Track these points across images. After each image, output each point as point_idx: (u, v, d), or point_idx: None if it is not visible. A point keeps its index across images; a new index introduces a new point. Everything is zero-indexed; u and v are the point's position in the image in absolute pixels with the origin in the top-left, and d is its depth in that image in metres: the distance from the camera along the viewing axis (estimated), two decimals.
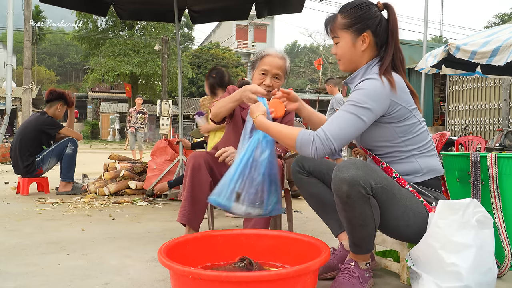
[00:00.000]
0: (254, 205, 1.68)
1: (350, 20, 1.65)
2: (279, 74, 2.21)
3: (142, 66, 21.78)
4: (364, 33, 1.63)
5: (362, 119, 1.52)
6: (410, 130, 1.61)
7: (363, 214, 1.46)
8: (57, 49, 51.51)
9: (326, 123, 1.55)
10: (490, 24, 30.42)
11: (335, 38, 1.70)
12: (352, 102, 1.54)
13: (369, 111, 1.52)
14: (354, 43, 1.66)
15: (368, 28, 1.63)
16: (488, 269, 1.44)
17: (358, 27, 1.63)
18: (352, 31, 1.65)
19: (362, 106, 1.52)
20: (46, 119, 4.43)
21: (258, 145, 1.69)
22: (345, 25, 1.66)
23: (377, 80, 1.56)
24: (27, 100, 11.17)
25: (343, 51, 1.69)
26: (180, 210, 2.15)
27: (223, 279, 1.19)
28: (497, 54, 4.20)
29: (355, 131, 1.52)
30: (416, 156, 1.62)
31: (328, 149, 1.50)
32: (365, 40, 1.64)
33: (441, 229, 1.45)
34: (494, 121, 10.20)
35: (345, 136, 1.51)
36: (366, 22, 1.63)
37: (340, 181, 1.44)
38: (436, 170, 1.66)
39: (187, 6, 4.79)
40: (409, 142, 1.61)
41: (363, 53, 1.67)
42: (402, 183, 1.58)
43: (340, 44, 1.69)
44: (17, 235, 2.59)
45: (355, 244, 1.59)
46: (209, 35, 45.22)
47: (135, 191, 4.46)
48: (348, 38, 1.66)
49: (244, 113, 2.34)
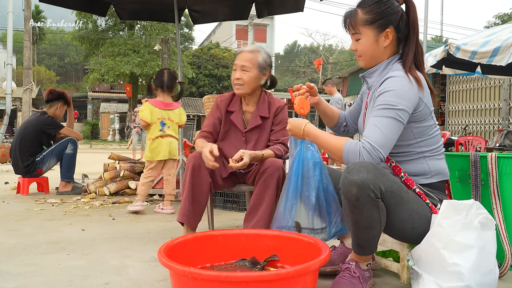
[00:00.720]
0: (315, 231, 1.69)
1: (372, 16, 1.59)
2: (245, 65, 2.25)
3: (142, 66, 21.76)
4: (387, 29, 1.59)
5: (401, 121, 1.51)
6: (426, 132, 1.61)
7: (370, 217, 1.46)
8: (57, 49, 51.51)
9: (368, 131, 1.51)
10: (490, 24, 30.41)
11: (356, 35, 1.64)
12: (386, 105, 1.51)
13: (405, 112, 1.51)
14: (377, 40, 1.61)
15: (391, 24, 1.59)
16: (489, 270, 1.44)
17: (381, 23, 1.59)
18: (375, 27, 1.60)
19: (397, 108, 1.50)
20: (46, 119, 4.43)
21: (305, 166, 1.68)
22: (367, 21, 1.60)
23: (404, 78, 1.53)
24: (27, 100, 11.17)
25: (365, 48, 1.64)
26: (180, 209, 2.16)
27: (223, 279, 1.18)
28: (498, 54, 4.20)
29: (397, 134, 1.52)
30: (427, 158, 1.62)
31: (378, 159, 1.49)
32: (388, 36, 1.60)
33: (444, 228, 1.45)
34: (494, 121, 10.20)
35: (390, 142, 1.50)
36: (389, 17, 1.59)
37: (350, 183, 1.43)
38: (444, 174, 1.67)
39: (187, 6, 4.79)
40: (423, 143, 1.61)
41: (385, 49, 1.63)
42: (410, 183, 1.58)
43: (362, 40, 1.64)
44: (17, 235, 2.59)
45: (358, 245, 1.58)
46: (209, 35, 45.23)
47: (135, 191, 4.46)
48: (371, 34, 1.61)
49: (233, 116, 2.36)
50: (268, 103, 2.37)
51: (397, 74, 1.55)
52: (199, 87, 30.33)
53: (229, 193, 3.66)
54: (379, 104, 1.53)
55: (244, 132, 2.34)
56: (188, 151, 4.54)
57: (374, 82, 1.68)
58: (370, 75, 1.69)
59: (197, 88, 30.34)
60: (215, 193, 3.54)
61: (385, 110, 1.51)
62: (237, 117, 2.35)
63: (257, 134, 2.35)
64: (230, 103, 2.39)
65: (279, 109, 2.37)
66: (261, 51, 2.30)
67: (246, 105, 2.38)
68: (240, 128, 2.34)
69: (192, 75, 25.47)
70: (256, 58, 2.26)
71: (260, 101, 2.36)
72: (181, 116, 3.66)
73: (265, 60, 2.29)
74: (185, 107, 26.38)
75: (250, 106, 2.37)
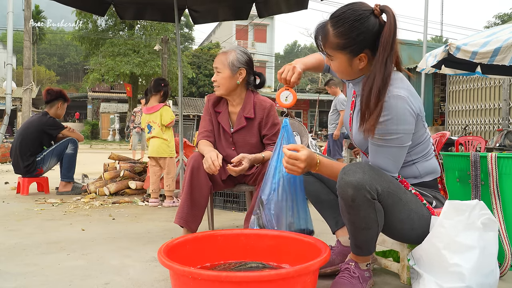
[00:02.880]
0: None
1: (344, 41, 1.45)
2: (217, 67, 2.27)
3: (142, 66, 21.76)
4: (362, 53, 1.47)
5: (406, 145, 1.52)
6: (417, 141, 1.60)
7: (367, 218, 1.45)
8: (57, 49, 51.53)
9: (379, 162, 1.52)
10: (490, 24, 30.42)
11: (328, 56, 1.54)
12: (389, 135, 1.47)
13: (407, 135, 1.51)
14: (350, 63, 1.50)
15: (366, 48, 1.46)
16: (490, 271, 1.44)
17: (354, 48, 1.46)
18: (347, 52, 1.47)
19: (400, 136, 1.48)
20: (48, 120, 4.43)
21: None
22: (338, 45, 1.47)
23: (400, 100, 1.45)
24: (27, 100, 11.17)
25: (339, 69, 1.55)
26: (178, 212, 2.14)
27: (223, 279, 1.18)
28: (498, 54, 4.20)
29: (404, 154, 1.55)
30: (417, 164, 1.63)
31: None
32: (362, 59, 1.48)
33: (446, 229, 1.45)
34: (494, 121, 10.20)
35: (400, 163, 1.55)
36: (362, 42, 1.44)
37: (346, 184, 1.43)
38: (435, 172, 1.66)
39: (187, 6, 4.79)
40: (413, 152, 1.61)
41: (362, 70, 1.53)
42: (405, 185, 1.58)
43: (334, 62, 1.54)
44: (17, 235, 2.59)
45: (357, 246, 1.58)
46: (209, 35, 45.23)
47: (135, 191, 4.46)
48: (343, 59, 1.50)
49: (220, 117, 2.36)
50: (253, 103, 2.33)
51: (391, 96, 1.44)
52: (199, 87, 30.32)
53: (229, 193, 3.66)
54: (381, 133, 1.47)
55: (230, 133, 2.33)
56: (190, 151, 4.54)
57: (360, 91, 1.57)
58: (356, 84, 1.61)
59: (197, 88, 30.34)
60: (215, 193, 3.54)
61: (390, 141, 1.48)
62: (223, 118, 2.34)
63: (244, 135, 2.33)
64: (218, 104, 2.38)
65: (266, 111, 2.31)
66: (236, 50, 2.28)
67: (232, 106, 2.35)
68: (227, 130, 2.33)
69: (192, 75, 25.47)
70: (227, 58, 2.24)
71: (245, 102, 2.33)
72: (162, 116, 3.83)
73: (238, 59, 2.25)
74: (185, 107, 26.38)
75: (236, 107, 2.35)
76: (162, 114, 3.82)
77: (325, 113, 25.95)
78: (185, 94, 29.75)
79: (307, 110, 29.25)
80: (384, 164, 1.53)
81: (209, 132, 2.35)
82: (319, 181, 1.87)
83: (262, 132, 2.33)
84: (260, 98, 2.36)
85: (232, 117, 2.36)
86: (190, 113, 25.54)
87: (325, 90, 14.07)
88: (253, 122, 2.32)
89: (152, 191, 3.89)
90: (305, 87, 34.97)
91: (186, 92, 29.79)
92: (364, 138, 1.57)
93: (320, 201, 1.87)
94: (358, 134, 1.60)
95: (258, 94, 2.39)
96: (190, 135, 19.62)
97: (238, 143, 2.33)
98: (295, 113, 27.31)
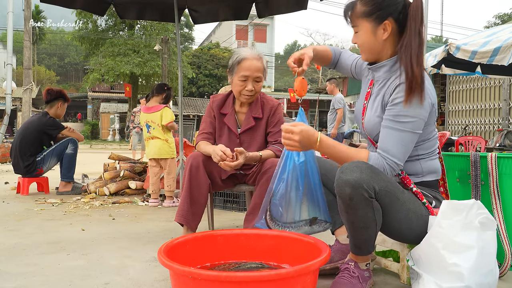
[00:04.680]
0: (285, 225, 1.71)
1: (370, 8, 1.54)
2: (259, 76, 2.22)
3: (142, 66, 21.75)
4: (386, 21, 1.53)
5: (418, 132, 1.53)
6: (427, 136, 1.61)
7: (365, 217, 1.46)
8: (57, 49, 51.51)
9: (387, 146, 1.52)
10: (490, 24, 30.41)
11: (355, 27, 1.61)
12: (403, 118, 1.49)
13: (421, 121, 1.52)
14: (374, 32, 1.56)
15: (389, 15, 1.53)
16: (489, 271, 1.44)
17: (378, 14, 1.53)
18: (372, 19, 1.54)
19: (414, 121, 1.50)
20: (48, 120, 4.44)
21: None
22: (364, 13, 1.55)
23: None
24: (27, 100, 11.17)
25: (363, 41, 1.59)
26: (178, 210, 2.15)
27: (223, 279, 1.18)
28: (498, 54, 4.20)
29: (414, 144, 1.55)
30: (421, 160, 1.63)
31: (398, 171, 1.57)
32: (386, 28, 1.54)
33: (444, 229, 1.45)
34: (494, 121, 10.20)
35: (409, 152, 1.56)
36: (387, 9, 1.52)
37: (344, 183, 1.43)
38: (436, 173, 1.67)
39: (187, 6, 4.79)
40: (420, 147, 1.62)
41: (385, 42, 1.57)
42: (407, 182, 1.59)
43: (359, 33, 1.59)
44: (17, 235, 2.59)
45: (356, 245, 1.59)
46: (209, 35, 45.21)
47: (135, 191, 4.46)
48: (368, 27, 1.56)
49: (226, 119, 2.35)
50: (261, 103, 2.34)
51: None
52: (199, 87, 30.31)
53: (229, 193, 3.66)
54: (396, 114, 1.51)
55: (238, 134, 2.32)
56: (190, 151, 4.53)
57: (381, 77, 1.65)
58: (377, 69, 1.65)
59: (197, 88, 30.32)
60: (215, 193, 3.54)
61: (403, 124, 1.50)
62: (230, 119, 2.33)
63: (251, 135, 2.33)
64: (223, 105, 2.36)
65: (273, 109, 2.34)
66: (262, 56, 2.28)
67: (239, 107, 2.35)
68: (233, 130, 2.32)
69: (192, 75, 25.46)
70: (263, 66, 2.24)
71: (253, 102, 2.33)
72: (162, 117, 3.86)
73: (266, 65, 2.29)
74: (185, 107, 26.38)
75: (243, 107, 2.35)
76: (162, 114, 3.84)
77: (325, 113, 25.93)
78: (185, 94, 29.74)
79: (307, 110, 29.24)
80: (393, 149, 1.51)
81: (208, 134, 2.35)
82: None
83: (268, 130, 2.34)
84: (267, 97, 2.39)
85: (239, 117, 2.36)
86: (190, 113, 25.54)
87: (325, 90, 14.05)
88: (260, 121, 2.33)
89: (152, 191, 3.89)
90: None
91: (186, 92, 29.79)
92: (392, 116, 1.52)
93: None
94: (372, 119, 1.62)
95: (264, 94, 2.41)
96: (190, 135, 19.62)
97: (245, 143, 2.32)
98: (295, 112, 27.28)
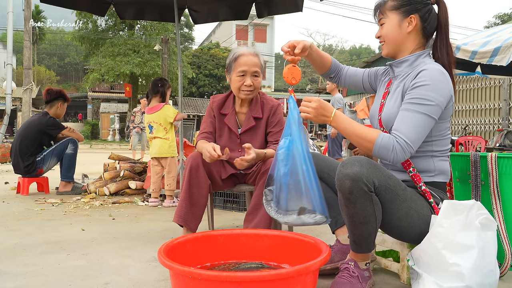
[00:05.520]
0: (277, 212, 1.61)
1: (399, 2, 1.67)
2: (257, 71, 2.23)
3: (142, 66, 21.74)
4: (412, 15, 1.64)
5: (434, 117, 1.54)
6: (442, 133, 1.63)
7: (364, 211, 1.47)
8: (57, 49, 51.50)
9: (402, 126, 1.53)
10: (490, 24, 30.38)
11: (382, 19, 1.71)
12: (421, 99, 1.53)
13: (438, 108, 1.54)
14: (400, 24, 1.67)
15: (416, 12, 1.65)
16: (489, 271, 1.44)
17: (406, 8, 1.65)
18: (400, 12, 1.66)
19: (432, 104, 1.53)
20: (48, 120, 4.44)
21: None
22: (394, 6, 1.68)
23: (440, 72, 1.56)
24: (27, 100, 11.17)
25: (388, 31, 1.69)
26: (177, 211, 2.13)
27: (223, 279, 1.18)
28: (498, 54, 4.20)
29: (428, 130, 1.55)
30: (435, 158, 1.64)
31: (408, 154, 1.53)
32: (411, 22, 1.65)
33: (444, 229, 1.45)
34: (494, 121, 10.20)
35: (421, 138, 1.54)
36: (415, 5, 1.65)
37: (344, 177, 1.45)
38: (446, 175, 1.68)
39: (187, 6, 4.79)
40: (436, 143, 1.63)
41: (408, 36, 1.67)
42: (417, 179, 1.60)
43: (386, 24, 1.70)
44: (17, 235, 2.59)
45: (355, 242, 1.59)
46: (209, 35, 45.22)
47: (135, 191, 4.46)
48: (395, 18, 1.67)
49: (227, 119, 2.34)
50: (261, 103, 2.34)
51: (433, 67, 1.57)
52: (199, 87, 30.31)
53: (229, 193, 3.66)
54: (414, 97, 1.55)
55: (238, 134, 2.32)
56: (190, 151, 4.53)
57: (402, 71, 1.70)
58: (399, 65, 1.71)
59: (197, 88, 30.33)
60: (215, 193, 3.54)
61: (420, 106, 1.53)
62: (230, 119, 2.33)
63: (251, 135, 2.32)
64: (223, 105, 2.36)
65: (273, 109, 2.33)
66: (259, 53, 2.29)
67: (240, 107, 2.35)
68: (234, 131, 2.32)
69: (192, 75, 25.45)
70: (260, 61, 2.25)
71: (253, 102, 2.33)
72: (164, 115, 3.86)
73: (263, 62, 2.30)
74: (185, 107, 26.38)
75: (244, 107, 2.34)
76: (164, 113, 3.84)
77: None
78: (185, 94, 29.74)
79: None
80: (406, 129, 1.52)
81: (208, 134, 2.34)
82: (320, 181, 1.86)
83: (268, 130, 2.33)
84: (266, 97, 2.39)
85: (239, 117, 2.36)
86: (190, 113, 25.53)
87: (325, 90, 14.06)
88: (261, 121, 2.33)
89: (153, 190, 3.89)
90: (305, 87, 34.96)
91: (186, 92, 29.79)
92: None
93: None
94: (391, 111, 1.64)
95: (264, 94, 2.41)
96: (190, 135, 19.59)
97: (245, 143, 2.32)
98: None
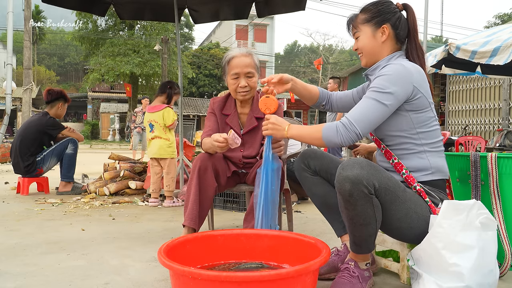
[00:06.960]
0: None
1: (370, 15, 1.73)
2: (251, 72, 2.22)
3: (142, 66, 21.76)
4: (384, 25, 1.70)
5: (385, 103, 1.56)
6: (426, 123, 1.64)
7: (364, 213, 1.47)
8: (57, 49, 51.49)
9: (350, 111, 1.60)
10: (490, 24, 30.40)
11: (356, 33, 1.77)
12: (374, 88, 1.59)
13: (391, 96, 1.56)
14: (374, 35, 1.72)
15: (387, 21, 1.71)
16: (489, 271, 1.44)
17: (377, 20, 1.71)
18: (372, 24, 1.72)
19: (384, 91, 1.56)
20: (48, 120, 4.44)
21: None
22: (365, 19, 1.74)
23: (401, 65, 1.60)
24: (27, 100, 11.18)
25: (364, 43, 1.74)
26: (188, 213, 2.08)
27: (223, 279, 1.18)
28: (497, 54, 4.20)
29: (377, 116, 1.57)
30: (428, 153, 1.63)
31: (353, 133, 1.55)
32: (384, 32, 1.71)
33: (445, 229, 1.45)
34: (494, 121, 10.20)
35: (368, 120, 1.56)
36: (385, 15, 1.71)
37: (344, 179, 1.45)
38: (444, 172, 1.67)
39: (187, 6, 4.79)
40: (423, 135, 1.63)
41: (383, 45, 1.72)
42: (411, 180, 1.59)
43: (360, 37, 1.76)
44: (17, 235, 2.59)
45: (355, 243, 1.59)
46: (209, 35, 45.22)
47: (135, 191, 4.46)
48: (368, 31, 1.73)
49: (229, 120, 2.34)
50: None
51: (397, 63, 1.63)
52: (199, 87, 30.32)
53: (229, 193, 3.66)
54: (376, 85, 1.60)
55: (241, 135, 2.32)
56: (190, 151, 4.53)
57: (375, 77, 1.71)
58: (372, 72, 1.75)
59: (197, 88, 30.33)
60: None
61: (372, 93, 1.59)
62: (232, 120, 2.33)
63: (253, 135, 2.33)
64: (224, 106, 2.36)
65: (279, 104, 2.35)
66: (252, 53, 2.28)
67: (241, 107, 2.35)
68: (236, 131, 2.31)
69: (192, 75, 25.46)
70: (254, 61, 2.23)
71: (254, 102, 2.33)
72: (164, 117, 3.87)
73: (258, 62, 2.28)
74: (185, 107, 26.38)
75: (245, 108, 2.34)
76: (164, 115, 3.85)
77: (325, 113, 25.94)
78: (185, 94, 29.74)
79: (307, 110, 29.24)
80: (352, 112, 1.59)
81: (213, 131, 2.33)
82: (327, 183, 1.84)
83: None
84: None
85: (241, 118, 2.36)
86: (190, 113, 25.54)
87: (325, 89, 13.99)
88: (262, 121, 2.32)
89: (153, 191, 3.90)
90: None
91: (186, 92, 29.79)
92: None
93: (327, 203, 1.84)
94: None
95: None
96: (190, 135, 19.61)
97: (247, 144, 2.32)
98: (295, 113, 27.31)
